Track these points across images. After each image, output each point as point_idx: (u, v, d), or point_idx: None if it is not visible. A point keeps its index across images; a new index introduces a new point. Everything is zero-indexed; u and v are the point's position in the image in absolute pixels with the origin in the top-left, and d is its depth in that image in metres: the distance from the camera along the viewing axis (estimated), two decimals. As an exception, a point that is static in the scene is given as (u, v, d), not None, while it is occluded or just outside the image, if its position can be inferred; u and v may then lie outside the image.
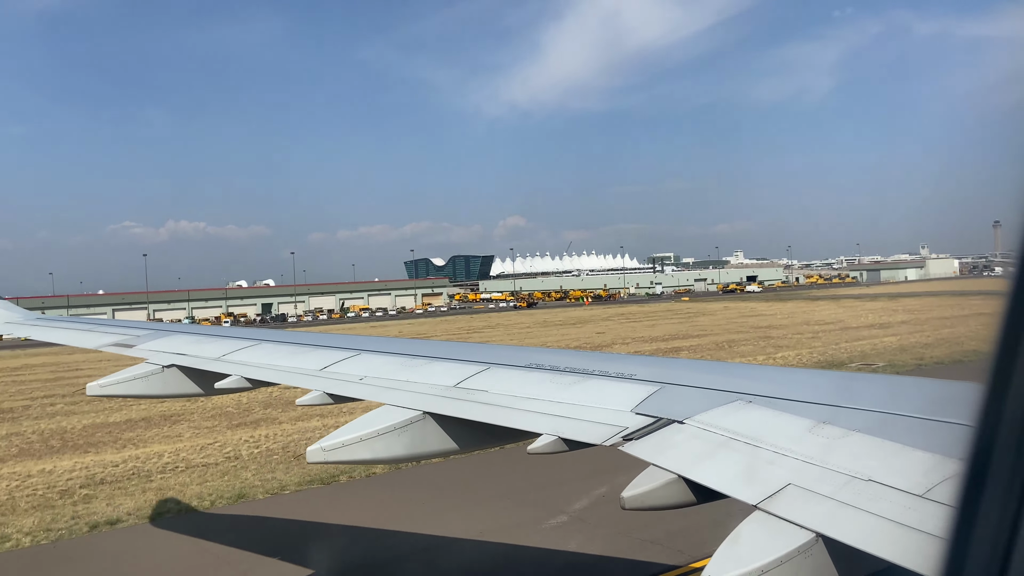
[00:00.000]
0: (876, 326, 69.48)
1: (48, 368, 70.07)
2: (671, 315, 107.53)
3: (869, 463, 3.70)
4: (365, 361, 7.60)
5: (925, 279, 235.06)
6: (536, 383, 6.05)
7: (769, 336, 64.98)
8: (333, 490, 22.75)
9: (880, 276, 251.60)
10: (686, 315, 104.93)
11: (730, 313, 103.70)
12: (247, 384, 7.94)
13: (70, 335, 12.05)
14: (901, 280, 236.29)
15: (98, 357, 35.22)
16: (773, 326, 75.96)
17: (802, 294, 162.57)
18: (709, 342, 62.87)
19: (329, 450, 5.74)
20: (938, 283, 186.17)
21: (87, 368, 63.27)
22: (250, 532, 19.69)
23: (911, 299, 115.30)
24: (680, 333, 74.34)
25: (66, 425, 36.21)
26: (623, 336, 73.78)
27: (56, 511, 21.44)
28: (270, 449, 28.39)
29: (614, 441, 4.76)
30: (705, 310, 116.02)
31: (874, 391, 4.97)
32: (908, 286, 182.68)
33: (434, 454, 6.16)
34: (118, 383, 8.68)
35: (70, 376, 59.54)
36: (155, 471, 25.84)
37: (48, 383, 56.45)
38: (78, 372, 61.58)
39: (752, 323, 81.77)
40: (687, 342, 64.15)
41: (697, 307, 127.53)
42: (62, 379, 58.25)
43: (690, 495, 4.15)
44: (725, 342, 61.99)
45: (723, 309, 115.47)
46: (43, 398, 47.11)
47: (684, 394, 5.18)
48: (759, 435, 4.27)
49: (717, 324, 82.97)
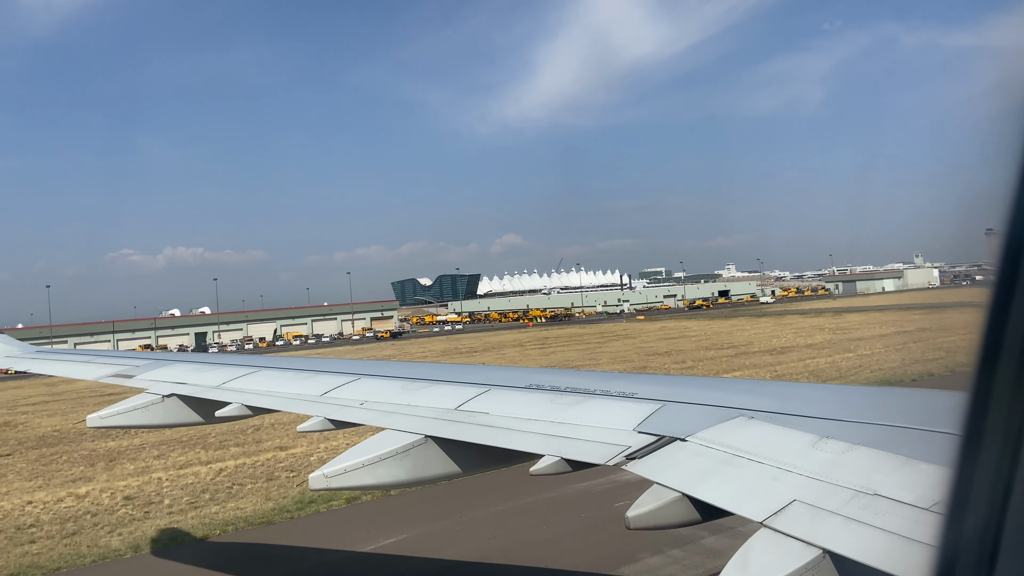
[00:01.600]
0: (779, 350, 68.76)
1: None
2: (592, 339, 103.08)
3: (874, 477, 3.67)
4: (365, 386, 7.58)
5: (901, 290, 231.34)
6: (537, 404, 6.06)
7: (647, 366, 63.32)
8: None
9: (856, 288, 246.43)
10: (603, 339, 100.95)
11: (654, 336, 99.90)
12: (248, 412, 7.88)
13: (70, 367, 11.99)
14: (878, 291, 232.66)
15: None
16: (672, 351, 74.53)
17: (756, 310, 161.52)
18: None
19: (331, 476, 5.72)
20: (909, 295, 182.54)
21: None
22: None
23: (858, 315, 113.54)
24: (567, 362, 71.66)
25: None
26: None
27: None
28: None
29: (617, 460, 4.76)
30: (633, 332, 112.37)
31: (876, 403, 5.05)
32: (871, 299, 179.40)
33: (437, 478, 6.15)
34: (118, 414, 8.58)
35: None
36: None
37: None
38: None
39: (656, 348, 79.91)
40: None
41: (634, 328, 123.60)
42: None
43: (695, 513, 4.14)
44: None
45: (657, 330, 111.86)
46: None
47: (686, 411, 5.21)
48: (762, 451, 4.29)
49: (619, 352, 79.24)
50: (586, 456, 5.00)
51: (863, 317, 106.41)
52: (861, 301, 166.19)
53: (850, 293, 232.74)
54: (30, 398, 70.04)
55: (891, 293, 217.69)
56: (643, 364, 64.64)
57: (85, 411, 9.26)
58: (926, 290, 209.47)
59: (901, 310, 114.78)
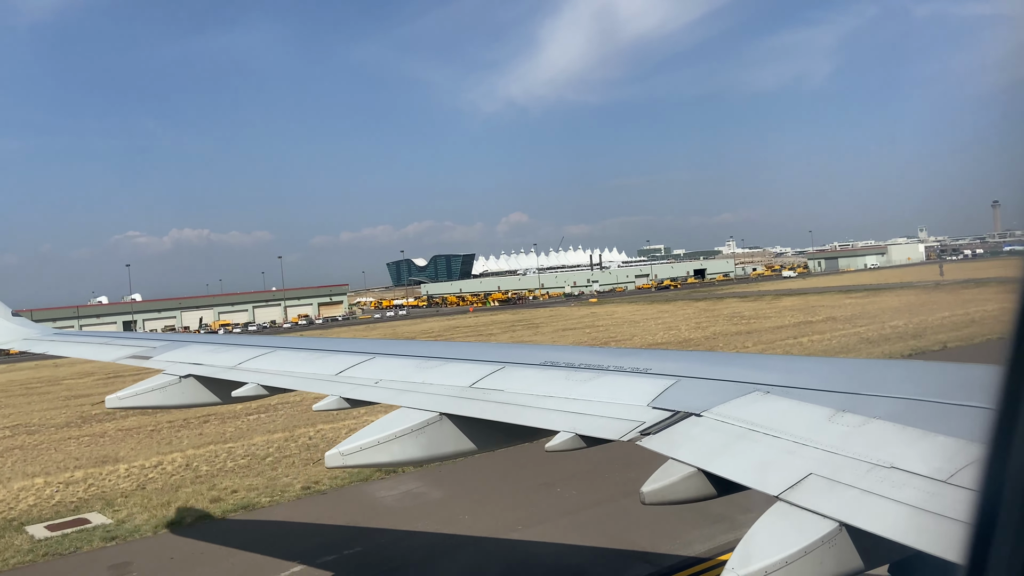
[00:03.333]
0: (654, 344, 62.98)
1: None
2: (504, 327, 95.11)
3: (891, 450, 3.68)
4: (380, 364, 7.60)
5: (884, 267, 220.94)
6: (551, 381, 6.08)
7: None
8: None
9: (839, 265, 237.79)
10: (514, 328, 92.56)
11: (564, 324, 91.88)
12: (264, 391, 7.90)
13: (88, 349, 12.06)
14: (860, 268, 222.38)
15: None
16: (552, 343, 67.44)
17: (710, 291, 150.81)
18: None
19: (347, 454, 5.76)
20: (887, 272, 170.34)
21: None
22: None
23: (794, 298, 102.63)
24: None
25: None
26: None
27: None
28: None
29: (631, 436, 4.76)
30: (558, 317, 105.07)
31: (893, 376, 5.00)
32: (844, 278, 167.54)
33: (451, 455, 6.17)
34: (136, 395, 8.60)
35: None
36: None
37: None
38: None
39: (544, 339, 74.33)
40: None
41: (565, 313, 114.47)
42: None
43: (710, 488, 4.15)
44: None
45: (581, 316, 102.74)
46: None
47: (700, 387, 5.20)
48: (778, 425, 4.28)
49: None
50: (600, 432, 5.01)
51: (799, 301, 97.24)
52: (827, 280, 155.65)
53: (832, 271, 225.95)
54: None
55: (868, 271, 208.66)
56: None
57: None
58: (909, 267, 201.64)
59: (842, 293, 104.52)
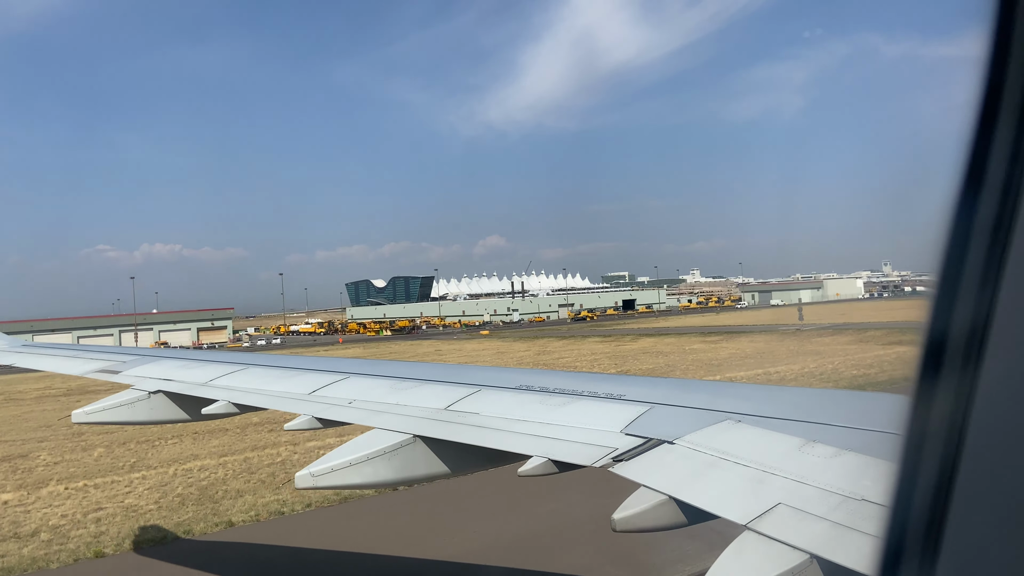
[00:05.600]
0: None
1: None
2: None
3: (862, 482, 3.67)
4: (354, 384, 7.54)
5: (817, 302, 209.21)
6: (526, 404, 6.07)
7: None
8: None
9: (771, 298, 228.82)
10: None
11: (407, 358, 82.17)
12: (235, 409, 7.82)
13: (57, 362, 11.83)
14: (793, 303, 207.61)
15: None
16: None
17: (612, 326, 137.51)
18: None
19: (318, 475, 5.70)
20: (765, 313, 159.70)
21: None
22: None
23: (652, 339, 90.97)
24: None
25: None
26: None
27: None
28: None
29: (604, 463, 4.75)
30: (412, 350, 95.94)
31: (863, 408, 5.06)
32: (743, 315, 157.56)
33: (424, 478, 6.14)
34: (104, 410, 8.45)
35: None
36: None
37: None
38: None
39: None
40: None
41: (430, 346, 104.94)
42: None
43: (681, 516, 4.16)
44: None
45: (436, 351, 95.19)
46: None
47: (673, 414, 5.21)
48: (749, 454, 4.30)
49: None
50: (573, 457, 5.00)
51: (651, 342, 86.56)
52: (706, 320, 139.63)
53: (764, 304, 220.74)
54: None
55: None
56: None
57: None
58: (835, 303, 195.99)
59: (700, 335, 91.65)
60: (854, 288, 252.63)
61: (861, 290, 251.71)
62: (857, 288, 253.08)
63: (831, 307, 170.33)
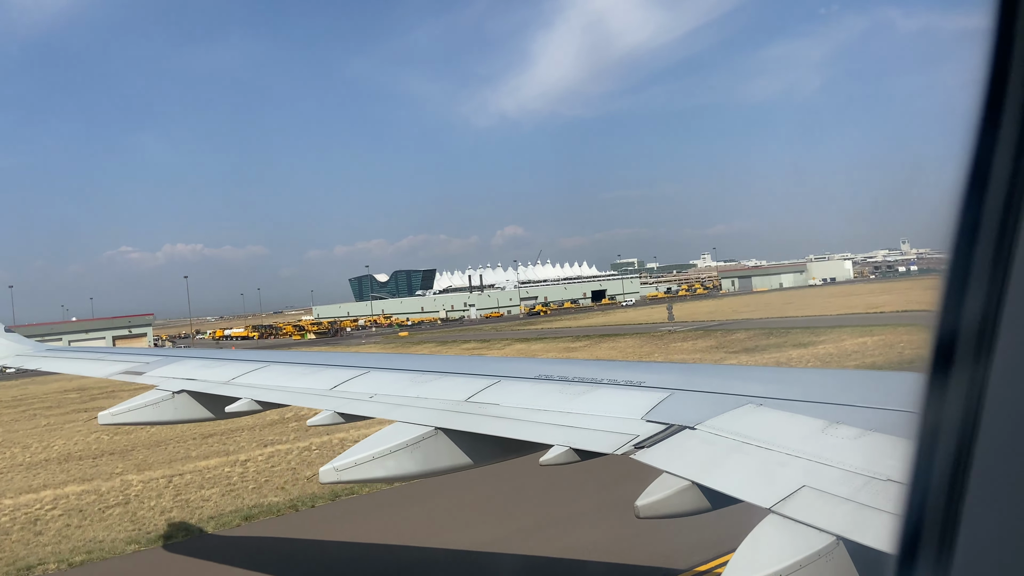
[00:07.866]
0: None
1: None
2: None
3: (887, 462, 3.64)
4: (375, 379, 7.59)
5: (798, 287, 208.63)
6: (546, 395, 6.08)
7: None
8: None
9: (752, 284, 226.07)
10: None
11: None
12: (258, 407, 7.90)
13: (81, 365, 11.99)
14: (775, 288, 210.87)
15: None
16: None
17: (523, 323, 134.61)
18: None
19: (342, 470, 5.75)
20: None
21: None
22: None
23: (522, 344, 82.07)
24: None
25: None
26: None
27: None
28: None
29: (625, 450, 4.75)
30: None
31: (885, 388, 4.99)
32: (723, 302, 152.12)
33: (447, 469, 6.13)
34: (129, 411, 8.56)
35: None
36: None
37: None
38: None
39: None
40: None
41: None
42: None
43: (704, 501, 4.15)
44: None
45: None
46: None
47: (694, 400, 5.20)
48: (771, 438, 4.30)
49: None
50: (594, 446, 5.02)
51: (523, 347, 78.91)
52: (617, 317, 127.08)
53: (745, 290, 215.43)
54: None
55: (771, 291, 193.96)
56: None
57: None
58: (825, 286, 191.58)
59: (571, 339, 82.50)
60: (842, 270, 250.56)
61: (850, 272, 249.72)
62: (845, 270, 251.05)
63: (793, 293, 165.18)
